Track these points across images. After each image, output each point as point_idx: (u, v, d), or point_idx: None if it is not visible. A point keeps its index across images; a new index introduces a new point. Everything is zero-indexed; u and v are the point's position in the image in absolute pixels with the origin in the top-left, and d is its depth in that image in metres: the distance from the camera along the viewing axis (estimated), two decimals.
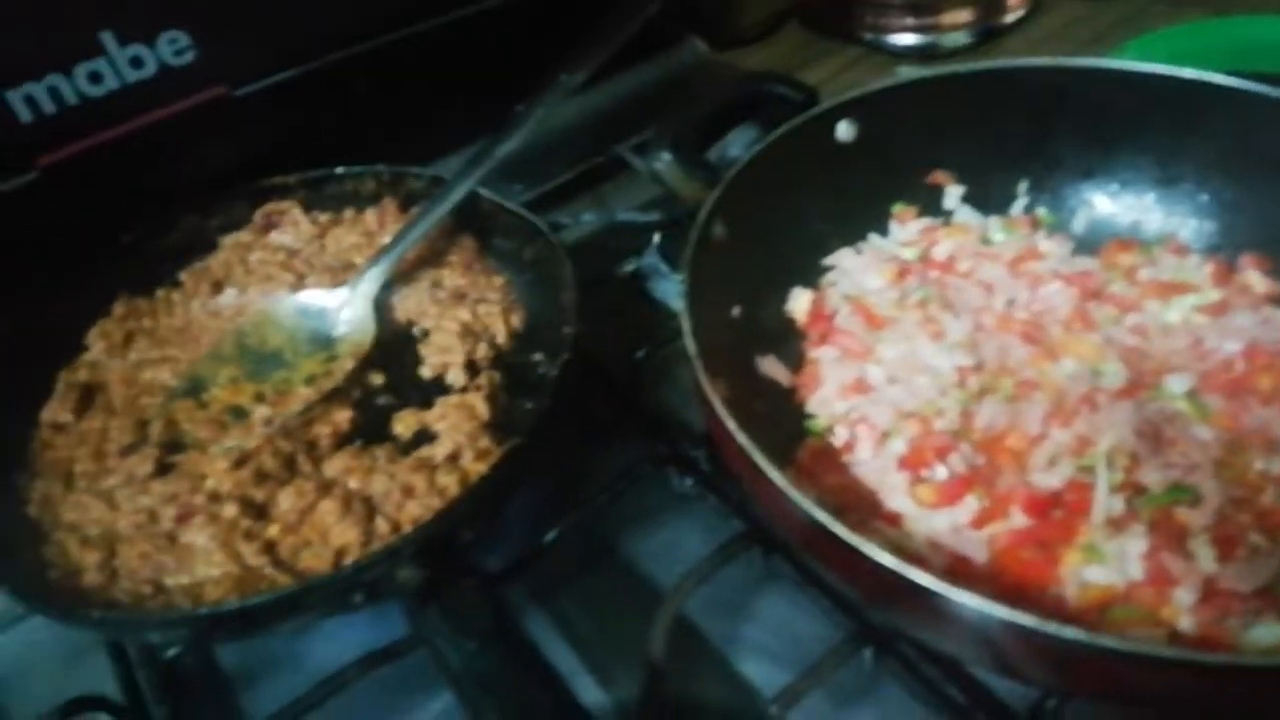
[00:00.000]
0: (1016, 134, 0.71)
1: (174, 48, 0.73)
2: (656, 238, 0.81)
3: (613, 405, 0.70)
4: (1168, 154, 0.69)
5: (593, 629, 0.59)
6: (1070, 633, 0.37)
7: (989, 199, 0.73)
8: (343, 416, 0.61)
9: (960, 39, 1.15)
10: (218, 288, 0.72)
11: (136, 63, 0.72)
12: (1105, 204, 0.71)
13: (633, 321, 0.76)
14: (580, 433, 0.67)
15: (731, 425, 0.47)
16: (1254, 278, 0.64)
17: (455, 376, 0.64)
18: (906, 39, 1.16)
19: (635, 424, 0.68)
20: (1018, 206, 0.72)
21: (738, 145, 0.75)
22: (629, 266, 0.80)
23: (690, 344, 0.52)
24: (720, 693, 0.55)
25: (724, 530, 0.59)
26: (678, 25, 1.09)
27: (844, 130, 0.69)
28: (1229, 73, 0.65)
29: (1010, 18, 1.17)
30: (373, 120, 0.82)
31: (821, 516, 0.43)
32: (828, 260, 0.70)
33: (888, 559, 0.41)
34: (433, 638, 0.47)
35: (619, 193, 0.93)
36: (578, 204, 0.92)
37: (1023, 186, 0.72)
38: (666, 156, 0.68)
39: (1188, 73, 0.65)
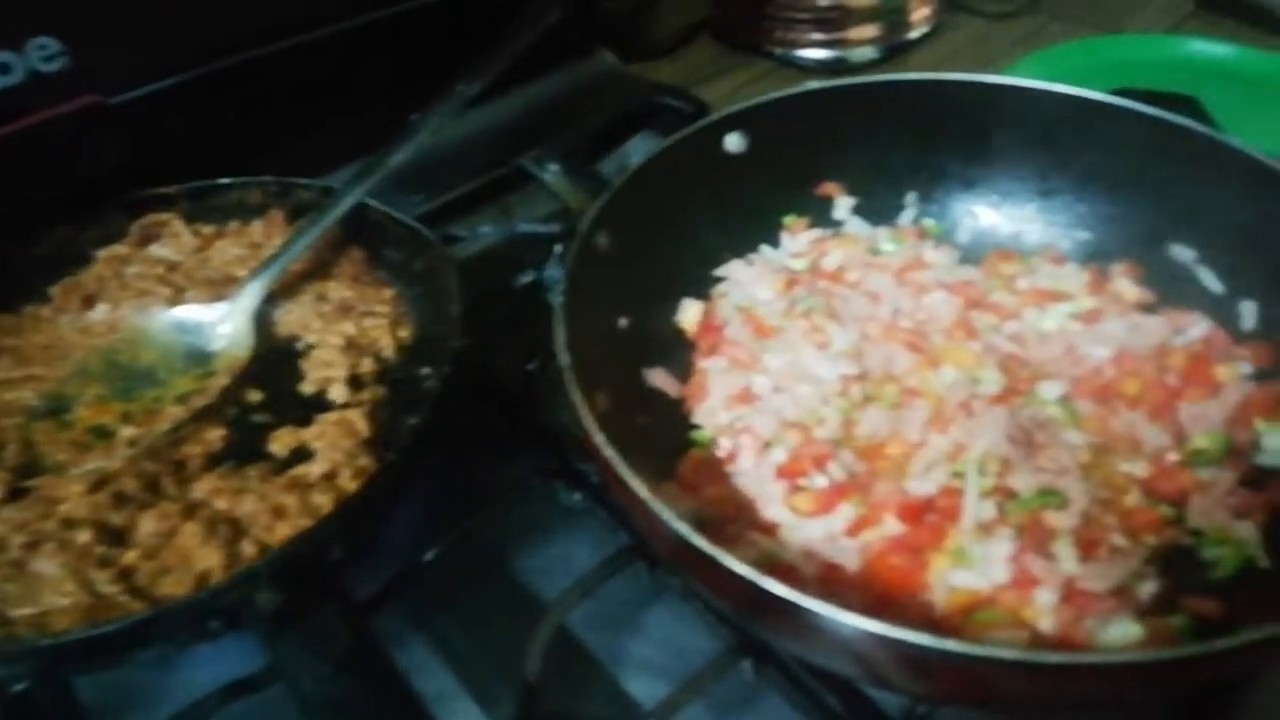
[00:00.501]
0: (904, 146, 0.72)
1: (43, 54, 0.70)
2: (558, 249, 0.80)
3: (504, 418, 0.69)
4: (1048, 167, 0.71)
5: (475, 649, 0.57)
6: (915, 638, 0.37)
7: (879, 210, 0.74)
8: (215, 435, 0.59)
9: (867, 54, 1.18)
10: (89, 303, 0.68)
11: (3, 69, 0.69)
12: (988, 215, 0.73)
13: (531, 333, 0.74)
14: (469, 447, 0.66)
15: (599, 438, 0.46)
16: (1125, 285, 0.66)
17: (337, 392, 0.62)
18: (815, 53, 1.18)
19: (526, 437, 0.67)
20: (906, 217, 0.74)
21: (639, 155, 0.74)
22: (528, 278, 0.79)
23: (564, 356, 0.51)
24: (602, 709, 0.54)
25: (614, 545, 0.59)
26: (588, 37, 1.09)
27: (733, 142, 0.69)
28: (1111, 90, 0.67)
29: (915, 34, 1.20)
30: (262, 131, 0.79)
31: (682, 529, 0.42)
32: (719, 271, 0.70)
33: (743, 570, 0.40)
34: (288, 666, 0.46)
35: (523, 204, 0.92)
36: (482, 215, 0.90)
37: (911, 198, 0.74)
38: (554, 167, 0.67)
39: (1065, 89, 0.67)
